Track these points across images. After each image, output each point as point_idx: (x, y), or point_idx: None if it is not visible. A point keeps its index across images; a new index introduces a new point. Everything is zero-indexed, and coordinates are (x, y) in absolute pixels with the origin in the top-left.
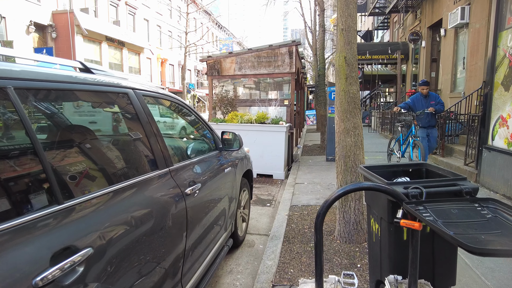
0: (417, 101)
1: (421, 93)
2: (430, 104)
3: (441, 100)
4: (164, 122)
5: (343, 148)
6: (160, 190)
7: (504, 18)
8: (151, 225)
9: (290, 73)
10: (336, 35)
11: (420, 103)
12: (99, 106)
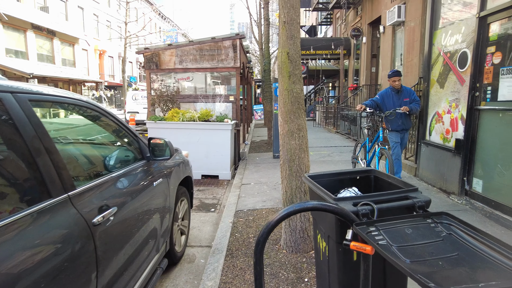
0: (387, 97)
1: (392, 87)
2: (403, 102)
3: (416, 97)
4: (67, 133)
5: (288, 151)
6: (48, 228)
7: (438, 18)
8: (31, 281)
9: (234, 67)
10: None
11: (391, 100)
12: None
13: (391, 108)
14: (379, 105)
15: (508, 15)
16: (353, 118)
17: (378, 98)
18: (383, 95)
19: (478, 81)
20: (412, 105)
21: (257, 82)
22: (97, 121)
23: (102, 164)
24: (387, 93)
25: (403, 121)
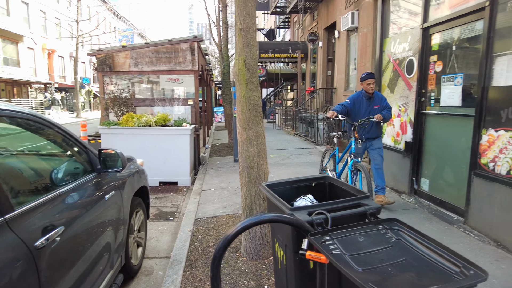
0: (358, 103)
1: (364, 91)
2: (373, 109)
3: (388, 104)
4: (6, 147)
5: (246, 158)
6: None
7: (387, 27)
8: None
9: (193, 70)
10: None
11: (362, 105)
12: None
13: (362, 115)
14: (349, 111)
15: (446, 27)
16: (310, 120)
17: (349, 103)
18: (354, 100)
19: (423, 87)
20: (384, 113)
21: (217, 84)
22: (41, 134)
23: (47, 180)
24: (358, 98)
25: (372, 127)
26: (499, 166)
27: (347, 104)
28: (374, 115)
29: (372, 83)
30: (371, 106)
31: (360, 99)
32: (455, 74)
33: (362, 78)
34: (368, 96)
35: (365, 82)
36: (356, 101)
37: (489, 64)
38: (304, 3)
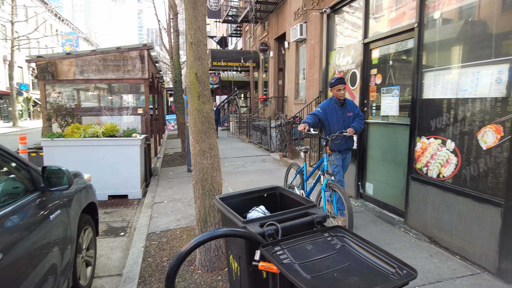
0: (330, 111)
1: (335, 98)
2: (347, 117)
3: (360, 112)
4: None
5: (200, 171)
6: None
7: (332, 40)
8: None
9: (143, 78)
10: None
11: (335, 114)
12: None
13: (335, 124)
14: (322, 121)
15: (384, 43)
16: (264, 128)
17: (320, 112)
18: (325, 109)
19: (365, 98)
20: (356, 124)
21: (169, 91)
22: None
23: None
24: (329, 106)
25: (346, 140)
26: (431, 170)
27: (318, 113)
28: (347, 124)
29: (343, 89)
30: (344, 114)
31: (331, 106)
32: (392, 86)
33: (331, 84)
34: (340, 103)
35: (335, 88)
36: (328, 109)
37: (420, 79)
38: (255, 13)
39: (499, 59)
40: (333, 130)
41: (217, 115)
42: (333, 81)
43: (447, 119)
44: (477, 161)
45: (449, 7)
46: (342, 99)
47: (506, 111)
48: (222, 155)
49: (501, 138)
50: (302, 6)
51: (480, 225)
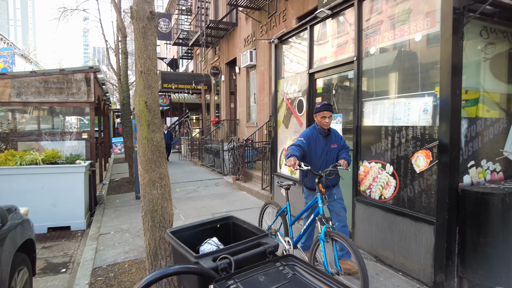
0: (313, 141)
1: (319, 127)
2: (331, 149)
3: (346, 144)
4: None
5: (150, 202)
6: None
7: (280, 69)
8: None
9: (88, 102)
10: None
11: (319, 145)
12: None
13: (318, 157)
14: (305, 152)
15: (327, 74)
16: (216, 151)
17: (304, 143)
18: (309, 138)
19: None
20: (346, 155)
21: (115, 112)
22: None
23: None
24: (313, 135)
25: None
26: (374, 192)
27: (302, 144)
28: (331, 158)
29: (328, 117)
30: (328, 146)
31: (315, 136)
32: (336, 114)
33: (316, 109)
34: (325, 133)
35: (319, 114)
36: (311, 139)
37: (360, 107)
38: (206, 38)
39: (425, 92)
40: (314, 164)
41: (169, 138)
42: (319, 107)
43: (385, 145)
44: (413, 183)
45: (382, 43)
46: (327, 128)
47: (433, 138)
48: (173, 180)
49: (430, 162)
50: (252, 34)
51: (418, 242)
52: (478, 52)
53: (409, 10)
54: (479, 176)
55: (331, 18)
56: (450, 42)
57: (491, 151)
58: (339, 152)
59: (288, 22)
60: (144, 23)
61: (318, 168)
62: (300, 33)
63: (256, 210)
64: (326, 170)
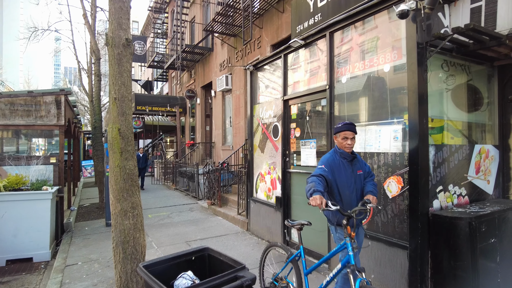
0: (336, 168)
1: (341, 150)
2: (357, 176)
3: (371, 171)
4: None
5: (121, 232)
6: None
7: (256, 95)
8: None
9: (58, 125)
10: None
11: (343, 172)
12: None
13: (345, 187)
14: (329, 183)
15: (301, 101)
16: (191, 174)
17: (326, 172)
18: (332, 166)
19: (287, 149)
20: (373, 188)
21: (86, 134)
22: None
23: None
24: (335, 161)
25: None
26: None
27: (324, 173)
28: (359, 187)
29: (351, 138)
30: (354, 172)
31: (338, 162)
32: (310, 139)
33: (336, 129)
34: (350, 157)
35: (340, 135)
36: (334, 166)
37: (333, 134)
38: (182, 61)
39: (395, 120)
40: (344, 196)
41: (145, 162)
42: (339, 126)
43: None
44: (386, 208)
45: (353, 73)
46: (350, 151)
47: (403, 165)
48: (146, 205)
49: (402, 188)
50: (228, 60)
51: (393, 267)
52: (441, 83)
53: (377, 43)
54: (447, 200)
55: (304, 48)
56: (416, 74)
57: (456, 176)
58: (364, 180)
59: (263, 49)
60: (119, 50)
61: (349, 200)
62: (274, 61)
63: (232, 236)
64: (355, 209)
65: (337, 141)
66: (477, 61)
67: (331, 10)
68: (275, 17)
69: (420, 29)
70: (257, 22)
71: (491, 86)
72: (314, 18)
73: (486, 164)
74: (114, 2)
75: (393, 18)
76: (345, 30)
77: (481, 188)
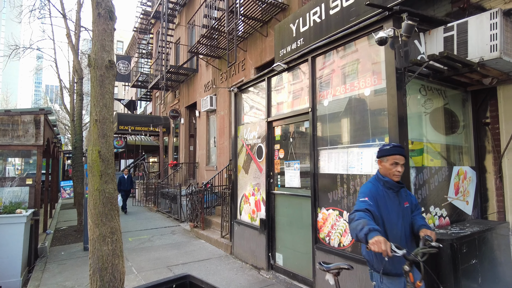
0: (381, 200)
1: (387, 178)
2: (405, 208)
3: (418, 204)
4: None
5: (99, 259)
6: None
7: (240, 116)
8: None
9: (36, 145)
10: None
11: (389, 205)
12: None
13: (393, 224)
14: (375, 216)
15: (284, 123)
16: (173, 196)
17: (372, 206)
18: (376, 198)
19: (271, 170)
20: (424, 222)
21: (66, 154)
22: None
23: None
24: (378, 192)
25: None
26: (333, 239)
27: (370, 207)
28: (407, 222)
29: (402, 164)
30: (401, 205)
31: (382, 193)
32: (293, 161)
33: (383, 152)
34: (397, 187)
35: (388, 159)
36: (379, 198)
37: (316, 155)
38: (166, 82)
39: (376, 143)
40: (392, 236)
41: (130, 184)
42: (387, 148)
43: (342, 192)
44: None
45: (335, 97)
46: (398, 180)
47: None
48: (126, 228)
49: None
50: (212, 81)
51: None
52: (420, 107)
53: (358, 68)
54: (429, 222)
55: (287, 71)
56: (395, 98)
57: (437, 197)
58: (412, 215)
59: (247, 71)
60: (102, 71)
61: (398, 240)
62: (258, 83)
63: (215, 260)
64: (417, 251)
65: (382, 167)
66: (452, 86)
67: (313, 35)
68: (259, 41)
69: (398, 55)
70: (241, 45)
71: (466, 110)
72: (297, 43)
73: (465, 185)
74: (98, 24)
75: (373, 43)
76: (326, 55)
77: (460, 209)
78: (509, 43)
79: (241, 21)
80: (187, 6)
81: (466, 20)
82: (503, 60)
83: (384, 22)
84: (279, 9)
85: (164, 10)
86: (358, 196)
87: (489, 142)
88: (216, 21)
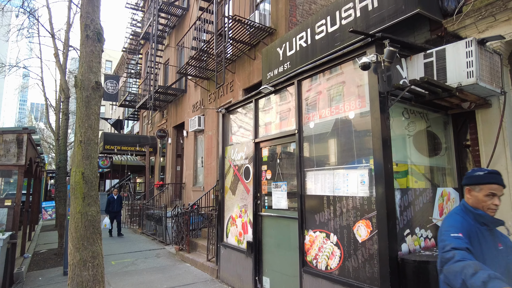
0: (475, 238)
1: (481, 211)
2: (499, 250)
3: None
4: None
5: (78, 285)
6: None
7: (228, 137)
8: None
9: (17, 165)
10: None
11: (486, 246)
12: None
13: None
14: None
15: (271, 144)
16: (159, 217)
17: (467, 243)
18: (469, 234)
19: (258, 191)
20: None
21: (50, 173)
22: None
23: None
24: (471, 229)
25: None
26: (320, 262)
27: (468, 246)
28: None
29: (500, 194)
30: (496, 246)
31: (475, 230)
32: (280, 182)
33: (477, 179)
34: (496, 224)
35: (483, 188)
36: (472, 236)
37: (302, 177)
38: (154, 101)
39: (361, 165)
40: None
41: (119, 205)
42: (482, 174)
43: (328, 214)
44: (356, 253)
45: (321, 119)
46: (494, 215)
47: (371, 209)
48: (109, 251)
49: (371, 232)
50: (201, 101)
51: None
52: (403, 129)
53: (343, 91)
54: (414, 243)
55: (274, 94)
56: (379, 121)
57: (422, 219)
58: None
59: (235, 92)
60: (88, 92)
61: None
62: (246, 105)
63: (201, 285)
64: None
65: (471, 197)
66: (434, 110)
67: (299, 59)
68: (247, 63)
69: (381, 79)
70: (229, 67)
71: (447, 132)
72: (284, 66)
73: (449, 206)
74: (86, 46)
75: (357, 68)
76: (312, 79)
77: None
78: (484, 70)
79: (229, 44)
80: (176, 28)
81: (444, 47)
82: (479, 85)
83: (367, 48)
84: (267, 33)
85: (153, 32)
86: (447, 230)
87: (470, 164)
88: (205, 43)
